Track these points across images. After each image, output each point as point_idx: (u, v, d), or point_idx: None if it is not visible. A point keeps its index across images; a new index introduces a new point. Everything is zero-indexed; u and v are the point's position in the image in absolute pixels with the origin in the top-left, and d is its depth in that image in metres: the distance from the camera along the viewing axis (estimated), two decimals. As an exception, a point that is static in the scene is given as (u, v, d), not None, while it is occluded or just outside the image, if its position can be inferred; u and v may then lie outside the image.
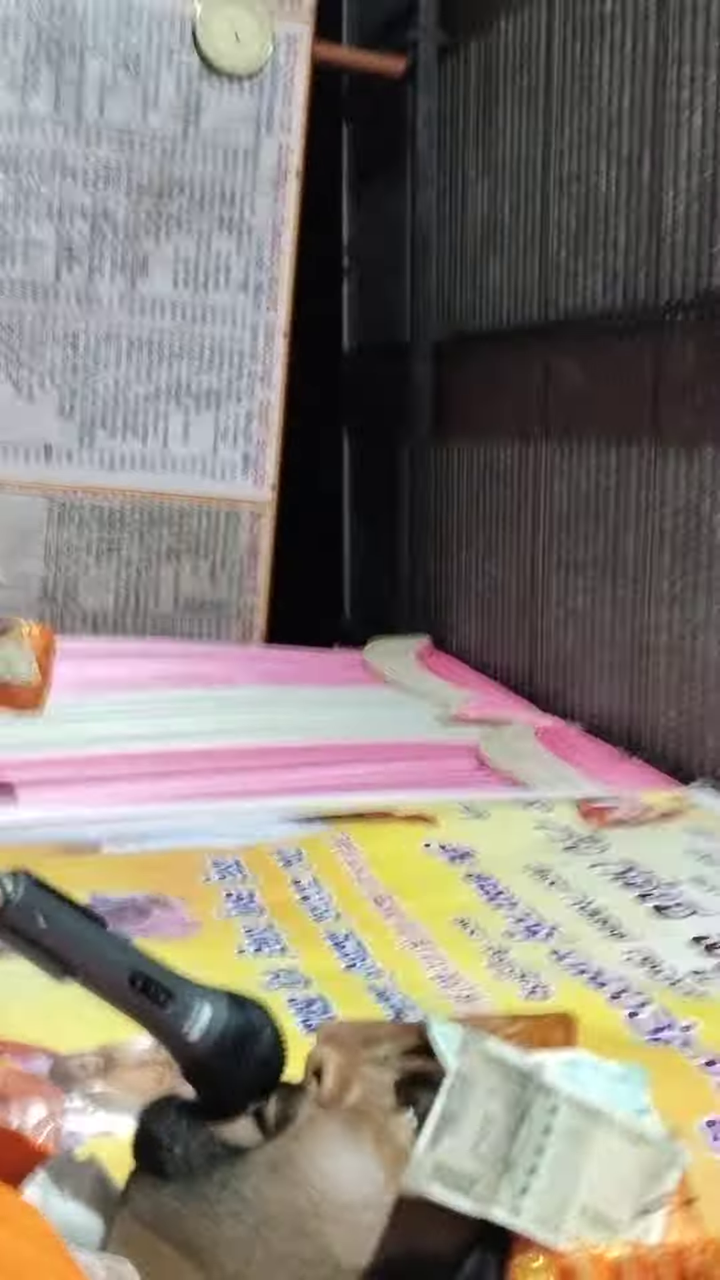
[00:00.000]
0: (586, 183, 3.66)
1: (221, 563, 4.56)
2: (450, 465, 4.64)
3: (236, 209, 4.41)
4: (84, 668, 3.95)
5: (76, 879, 1.98)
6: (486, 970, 1.77)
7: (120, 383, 4.38)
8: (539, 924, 1.95)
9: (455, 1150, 0.58)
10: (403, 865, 2.18)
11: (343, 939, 1.83)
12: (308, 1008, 1.57)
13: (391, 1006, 1.60)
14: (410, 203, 4.73)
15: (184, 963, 1.74)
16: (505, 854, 2.27)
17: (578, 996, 1.68)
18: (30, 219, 4.25)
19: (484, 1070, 0.60)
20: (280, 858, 2.14)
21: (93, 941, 0.67)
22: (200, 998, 0.67)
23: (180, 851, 2.20)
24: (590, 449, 3.67)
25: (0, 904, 0.65)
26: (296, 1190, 0.62)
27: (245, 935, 1.81)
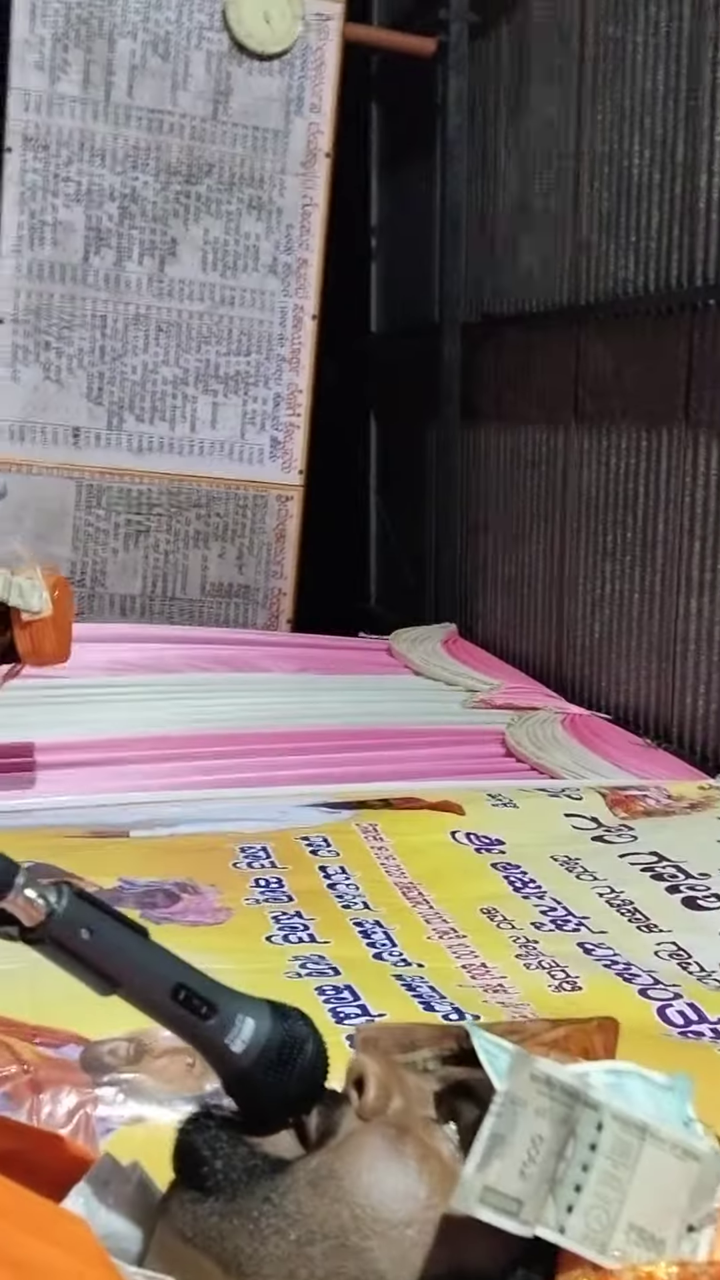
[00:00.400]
0: (619, 164, 3.62)
1: (249, 547, 4.56)
2: (478, 450, 4.61)
3: (265, 191, 4.38)
4: (112, 651, 3.97)
5: (106, 863, 1.99)
6: (515, 961, 1.76)
7: (148, 366, 4.38)
8: (568, 915, 1.94)
9: (503, 1173, 0.57)
10: (430, 853, 2.17)
11: (370, 927, 1.83)
12: (336, 996, 1.57)
13: (419, 997, 1.59)
14: (440, 184, 4.69)
15: (214, 949, 1.77)
16: (533, 843, 2.25)
17: (608, 990, 1.67)
18: (59, 201, 4.24)
19: (533, 1091, 0.59)
20: (308, 844, 2.14)
21: (135, 954, 0.66)
22: (242, 1009, 0.66)
23: (208, 836, 2.20)
24: (621, 433, 3.63)
25: (43, 917, 0.63)
26: (339, 1205, 0.61)
27: (274, 923, 1.81)
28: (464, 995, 1.63)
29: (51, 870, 1.93)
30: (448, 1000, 1.60)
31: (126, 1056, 1.41)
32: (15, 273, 4.23)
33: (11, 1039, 1.40)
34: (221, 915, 1.85)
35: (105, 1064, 1.41)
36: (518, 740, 3.32)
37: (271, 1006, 0.67)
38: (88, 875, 1.92)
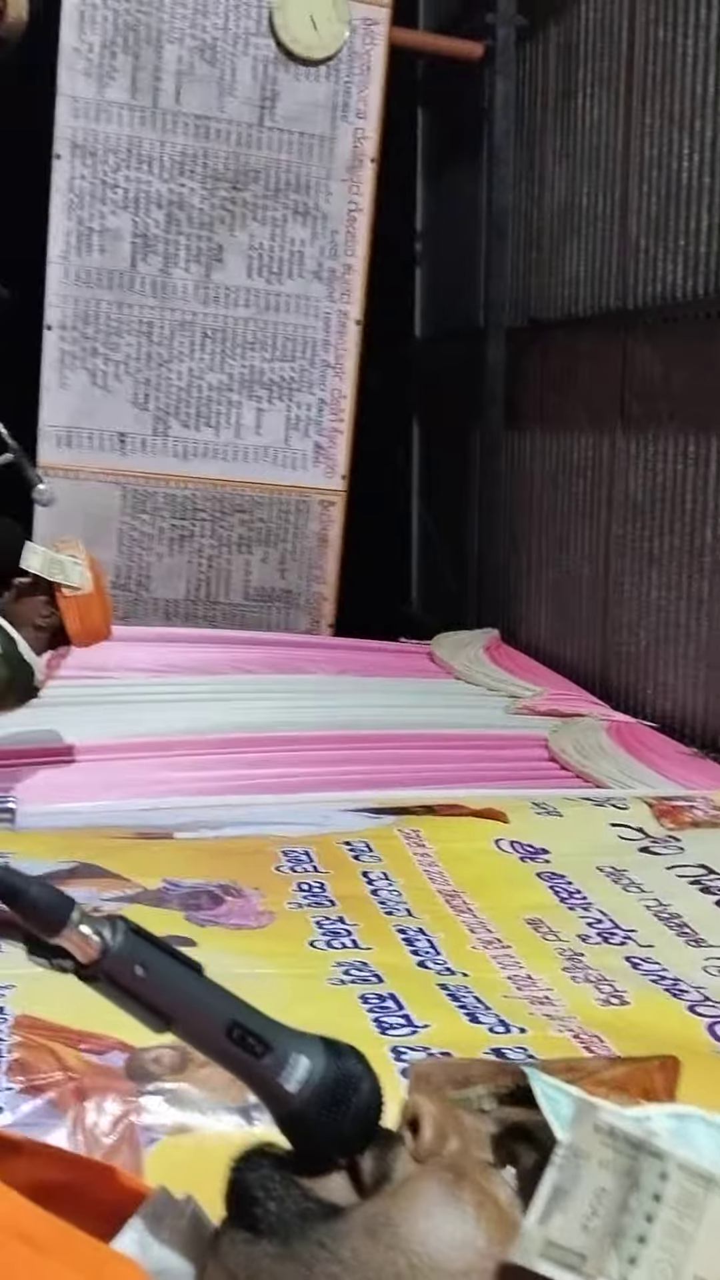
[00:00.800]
0: (668, 167, 3.59)
1: (292, 552, 4.56)
2: (522, 454, 4.59)
3: (311, 196, 4.39)
4: (157, 652, 3.99)
5: (151, 864, 2.00)
6: (561, 973, 1.74)
7: (194, 372, 4.39)
8: (615, 928, 1.92)
9: (566, 1227, 0.56)
10: (474, 861, 2.16)
11: (414, 935, 1.82)
12: (380, 1005, 1.56)
13: (464, 1008, 1.58)
14: (486, 188, 4.67)
15: (257, 953, 1.77)
16: (578, 853, 2.23)
17: (656, 1005, 1.65)
18: (106, 208, 4.26)
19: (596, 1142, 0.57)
20: (350, 850, 2.13)
21: (190, 991, 0.65)
22: (297, 1048, 0.65)
23: (252, 839, 2.20)
24: (669, 438, 3.60)
25: (97, 954, 0.62)
26: (395, 1253, 0.60)
27: (316, 928, 1.81)
28: (510, 1007, 1.61)
29: (96, 870, 1.93)
30: (493, 1011, 1.58)
31: (171, 1065, 1.40)
32: (63, 280, 4.26)
33: (57, 1045, 1.40)
34: (265, 919, 1.84)
35: (149, 1072, 1.41)
36: (562, 747, 3.29)
37: (326, 1044, 0.65)
38: (133, 876, 1.93)
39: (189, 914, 1.82)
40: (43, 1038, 1.40)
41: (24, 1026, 1.42)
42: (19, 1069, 1.37)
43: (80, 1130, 1.36)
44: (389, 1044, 1.47)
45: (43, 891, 0.62)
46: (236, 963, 1.65)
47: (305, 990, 1.61)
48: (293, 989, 1.61)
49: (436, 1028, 1.52)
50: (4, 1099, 1.35)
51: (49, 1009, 1.43)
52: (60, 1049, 1.39)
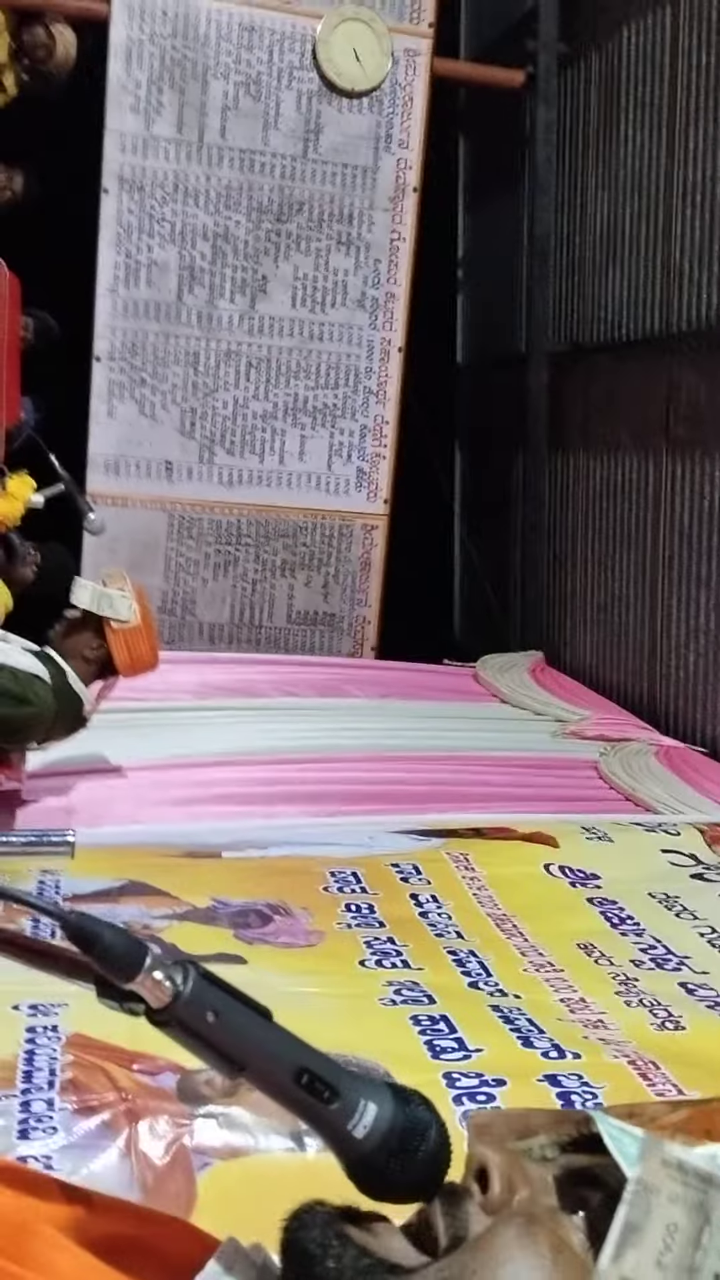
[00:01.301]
0: (711, 191, 3.59)
1: (335, 576, 4.58)
2: (566, 479, 4.58)
3: (354, 227, 4.43)
4: (202, 675, 4.01)
5: (200, 883, 2.01)
6: (615, 998, 1.72)
7: (239, 401, 4.44)
8: (668, 954, 1.90)
9: (640, 1263, 0.56)
10: (524, 886, 2.14)
11: (465, 956, 1.81)
12: (432, 1028, 1.55)
13: (517, 1031, 1.57)
14: (528, 215, 4.70)
15: (308, 972, 1.76)
16: (630, 879, 2.21)
17: (714, 1031, 1.63)
18: (154, 241, 4.33)
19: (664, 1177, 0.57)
20: (398, 871, 2.13)
21: (259, 1037, 0.65)
22: (365, 1094, 0.65)
23: (298, 860, 2.20)
24: (716, 461, 3.58)
25: (169, 999, 0.62)
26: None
27: (366, 948, 1.80)
28: (564, 1030, 1.60)
29: (145, 888, 1.94)
30: (547, 1035, 1.57)
31: (223, 1088, 1.40)
32: (112, 312, 4.33)
33: (110, 1065, 1.40)
34: (314, 938, 1.84)
35: (201, 1094, 1.41)
36: (612, 770, 3.27)
37: (393, 1091, 0.65)
38: (182, 894, 1.93)
39: (238, 932, 1.82)
40: (96, 1057, 1.41)
41: (77, 1046, 1.43)
42: (72, 1089, 1.38)
43: (133, 1153, 1.36)
44: (442, 1069, 1.46)
45: (117, 937, 0.63)
46: (286, 982, 1.65)
47: (357, 1010, 1.61)
48: (345, 1009, 1.61)
49: (490, 1052, 1.51)
50: (58, 1119, 1.36)
51: (102, 1028, 1.43)
52: (113, 1069, 1.40)
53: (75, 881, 1.95)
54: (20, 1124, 1.34)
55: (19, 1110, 1.35)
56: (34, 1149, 1.32)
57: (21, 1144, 1.33)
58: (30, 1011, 1.47)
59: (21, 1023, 1.46)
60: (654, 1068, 1.48)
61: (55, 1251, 0.60)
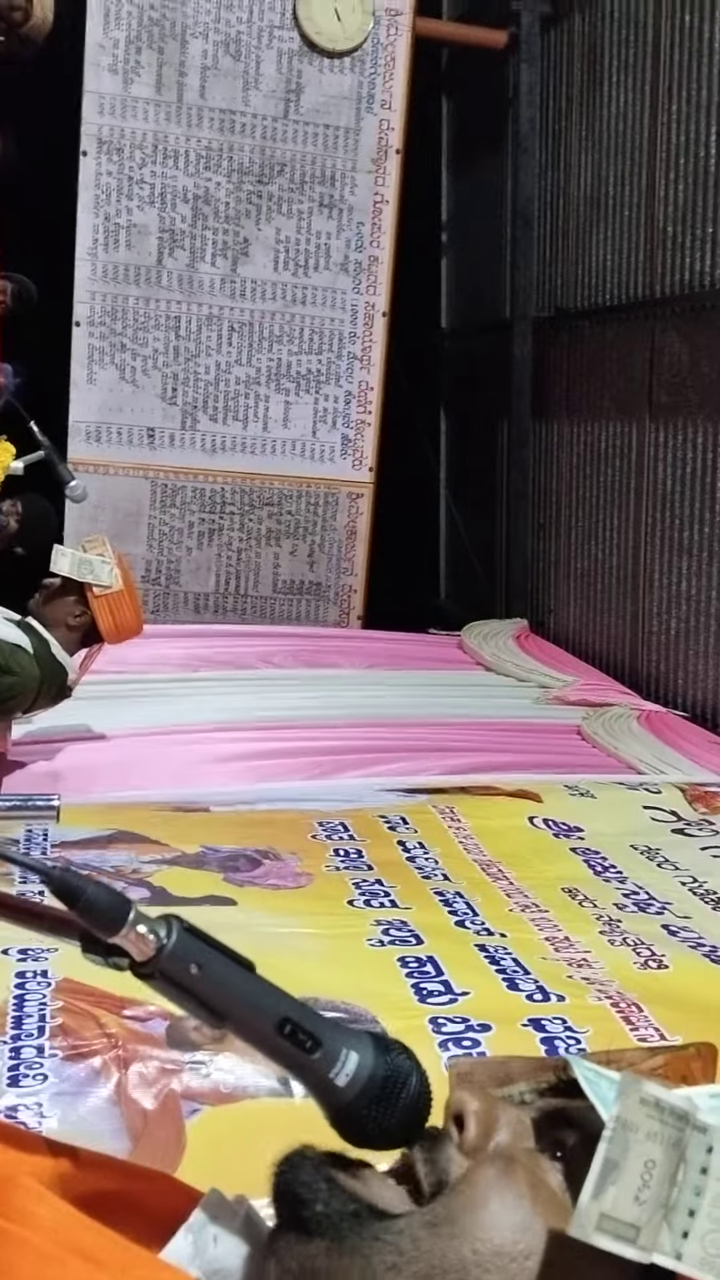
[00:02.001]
0: (695, 154, 3.58)
1: (320, 545, 4.57)
2: (549, 445, 4.58)
3: (337, 189, 4.40)
4: (188, 647, 4.01)
5: (190, 832, 2.01)
6: (599, 937, 1.74)
7: (221, 366, 4.41)
8: (650, 899, 1.92)
9: (619, 1199, 0.57)
10: (508, 836, 2.16)
11: (451, 897, 1.82)
12: (419, 970, 1.56)
13: (502, 972, 1.58)
14: (511, 178, 4.67)
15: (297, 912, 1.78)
16: (612, 832, 2.23)
17: (696, 970, 1.65)
18: (133, 203, 4.29)
19: (642, 1115, 0.58)
20: (385, 822, 2.14)
21: (242, 988, 0.66)
22: (347, 1044, 0.66)
23: (287, 813, 2.22)
24: (698, 428, 3.59)
25: (153, 952, 0.63)
26: (459, 1242, 0.60)
27: (355, 888, 1.82)
28: (548, 970, 1.61)
29: (135, 836, 1.95)
30: (532, 976, 1.58)
31: (212, 1034, 1.41)
32: (91, 276, 4.29)
33: (100, 1010, 1.41)
34: (303, 880, 1.86)
35: (190, 1040, 1.42)
36: (594, 732, 3.30)
37: (374, 1040, 0.67)
38: (171, 842, 1.94)
39: (227, 875, 1.83)
40: (86, 1003, 1.42)
41: (66, 991, 1.43)
42: (62, 1035, 1.39)
43: (122, 1099, 1.37)
44: (428, 1014, 1.47)
45: (100, 892, 0.63)
46: (276, 922, 1.66)
47: (345, 952, 1.62)
48: (333, 950, 1.62)
49: (475, 995, 1.52)
50: (48, 1065, 1.36)
51: (92, 974, 1.43)
52: (103, 1015, 1.41)
53: (63, 830, 1.95)
54: (10, 1070, 1.35)
55: (9, 1056, 1.36)
56: (24, 1095, 1.33)
57: (11, 1090, 1.33)
58: (20, 956, 1.48)
59: (11, 968, 1.46)
60: (637, 1010, 1.50)
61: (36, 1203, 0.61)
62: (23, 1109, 1.33)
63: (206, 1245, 0.66)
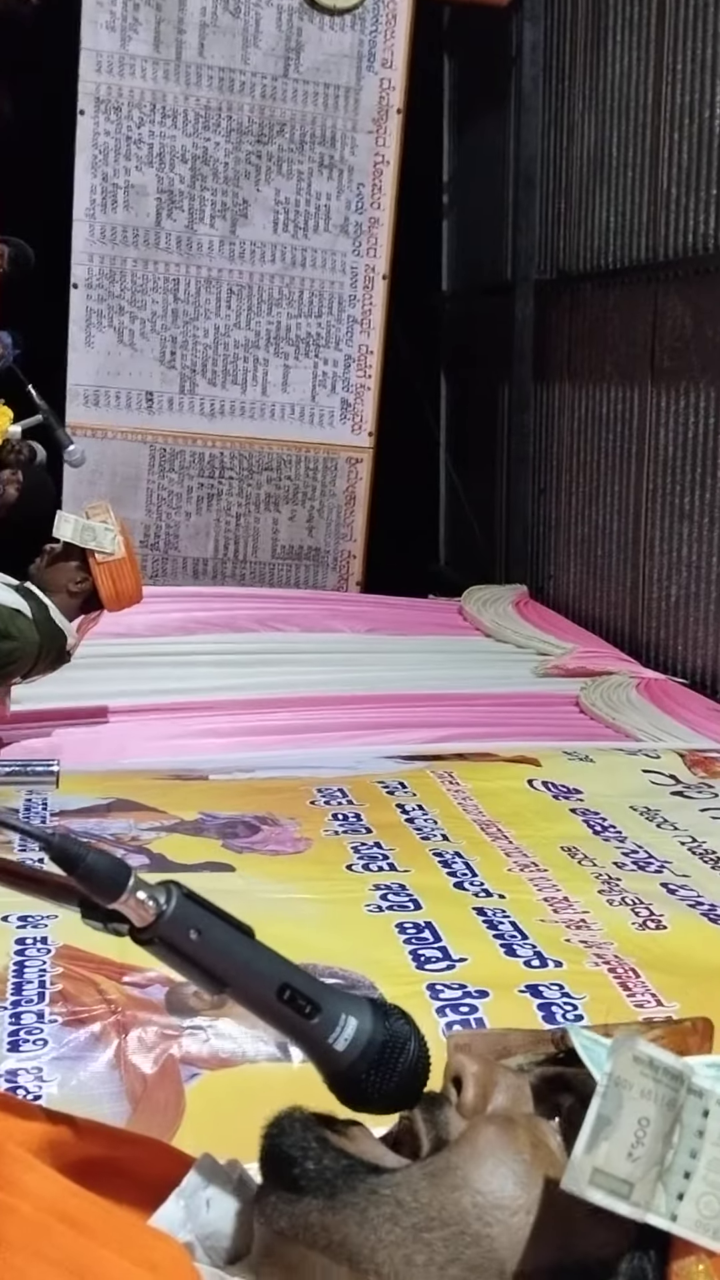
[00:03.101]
0: (700, 115, 3.53)
1: (319, 510, 4.56)
2: (550, 410, 4.56)
3: (337, 149, 4.34)
4: (187, 611, 4.00)
5: (188, 800, 2.02)
6: (598, 896, 1.75)
7: (220, 329, 4.38)
8: (650, 858, 1.93)
9: (611, 1155, 0.58)
10: (507, 798, 2.17)
11: (450, 858, 1.83)
12: (417, 936, 1.57)
13: (500, 937, 1.58)
14: (514, 138, 4.62)
15: (295, 878, 1.78)
16: (611, 794, 2.24)
17: (694, 929, 1.66)
18: (131, 164, 4.24)
19: (636, 1072, 0.59)
20: (384, 787, 2.15)
21: (242, 954, 0.66)
22: (346, 1009, 0.66)
23: (285, 780, 2.22)
24: (700, 392, 3.56)
25: (153, 918, 0.63)
26: (459, 1193, 0.61)
27: (353, 852, 1.82)
28: (546, 933, 1.62)
29: (133, 804, 1.96)
30: (530, 941, 1.59)
31: (211, 1000, 1.42)
32: (88, 237, 4.25)
33: (100, 977, 1.42)
34: (301, 845, 1.86)
35: (190, 1006, 1.42)
36: (592, 702, 3.30)
37: (373, 1005, 0.67)
38: (170, 809, 1.95)
39: (226, 841, 1.84)
40: (86, 970, 1.43)
41: (66, 957, 1.44)
42: (62, 1001, 1.40)
43: (122, 1064, 1.38)
44: (426, 980, 1.48)
45: (100, 858, 0.63)
46: (275, 888, 1.67)
47: (344, 918, 1.63)
48: (332, 916, 1.63)
49: (473, 962, 1.53)
50: (48, 1031, 1.37)
51: (91, 940, 1.44)
52: (103, 981, 1.41)
53: (63, 799, 1.96)
54: (10, 1035, 1.36)
55: (9, 1022, 1.37)
56: (24, 1060, 1.34)
57: (12, 1055, 1.34)
58: (20, 923, 1.48)
59: (10, 935, 1.47)
60: (634, 975, 1.51)
61: (23, 1171, 0.61)
62: (23, 1073, 1.34)
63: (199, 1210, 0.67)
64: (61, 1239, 0.58)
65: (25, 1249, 0.56)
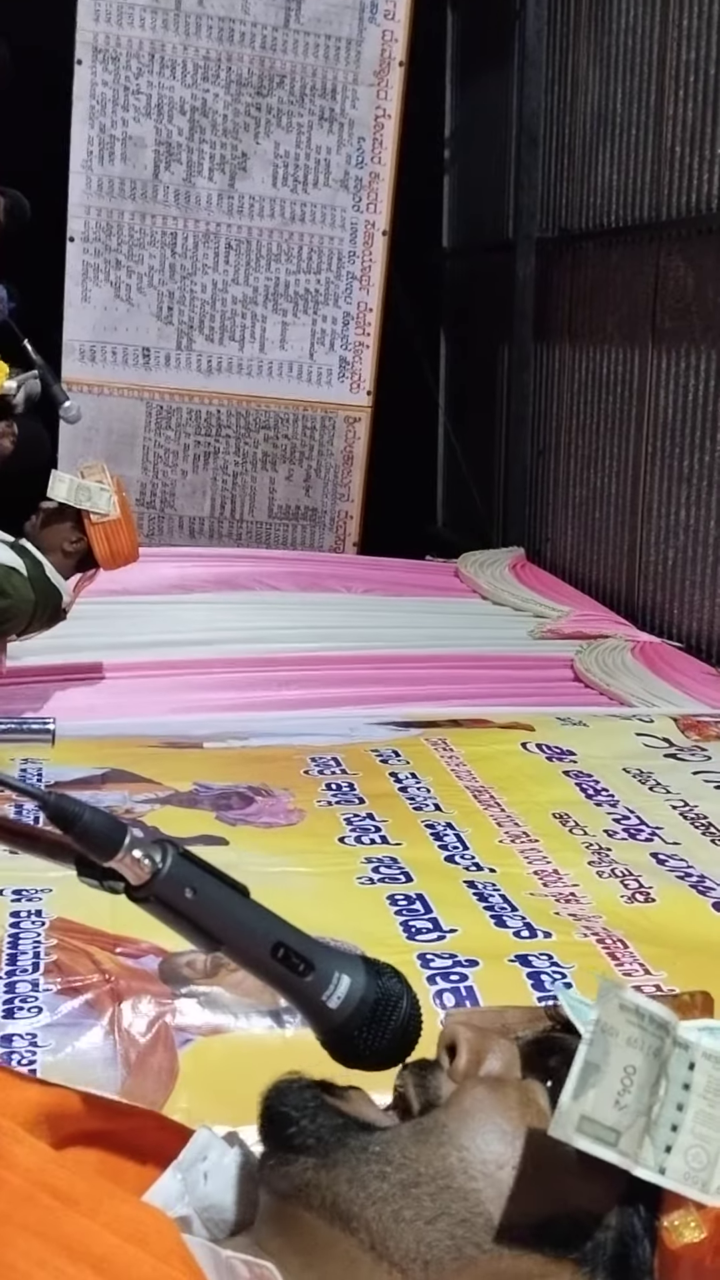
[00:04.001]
0: (705, 72, 3.47)
1: (317, 470, 4.53)
2: (551, 370, 4.52)
3: (337, 102, 4.28)
4: (183, 568, 4.00)
5: (182, 769, 2.03)
6: (588, 868, 1.77)
7: (218, 285, 4.33)
8: (641, 824, 1.94)
9: (599, 1102, 0.58)
10: (501, 761, 2.18)
11: (442, 830, 1.84)
12: (408, 908, 1.58)
13: (490, 909, 1.60)
14: (517, 93, 4.55)
15: (289, 851, 1.79)
16: (605, 756, 2.25)
17: (682, 902, 1.67)
18: (129, 115, 4.17)
19: (622, 1020, 0.60)
20: (378, 755, 2.16)
21: (237, 912, 0.66)
22: (339, 967, 0.67)
23: (279, 748, 2.23)
24: (701, 354, 3.54)
25: (148, 876, 0.64)
26: (446, 1149, 0.62)
27: (346, 824, 1.84)
28: (535, 906, 1.63)
29: (128, 775, 1.97)
30: (519, 913, 1.61)
31: (204, 969, 1.44)
32: (85, 190, 4.20)
33: (94, 948, 1.43)
34: (294, 816, 1.87)
35: (183, 976, 1.44)
36: (587, 667, 3.30)
37: (366, 964, 0.68)
38: (164, 780, 1.96)
39: (220, 814, 1.85)
40: (80, 941, 1.44)
41: (60, 930, 1.46)
42: (56, 971, 1.41)
43: (116, 1031, 1.40)
44: (416, 950, 1.49)
45: (96, 817, 0.64)
46: (268, 861, 1.69)
47: (336, 890, 1.64)
48: (324, 889, 1.64)
49: (463, 932, 1.55)
50: (43, 999, 1.39)
51: (85, 913, 1.46)
52: (97, 952, 1.43)
53: (57, 769, 1.97)
54: (5, 1004, 1.37)
55: (4, 991, 1.38)
56: (19, 1027, 1.36)
57: (7, 1023, 1.36)
58: (14, 897, 1.50)
59: (5, 907, 1.48)
60: (622, 946, 1.53)
61: (13, 1144, 0.62)
62: (17, 1039, 1.36)
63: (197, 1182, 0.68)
64: (48, 1212, 0.58)
65: (10, 1220, 0.57)
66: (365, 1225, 0.61)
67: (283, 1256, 0.62)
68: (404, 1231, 0.61)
